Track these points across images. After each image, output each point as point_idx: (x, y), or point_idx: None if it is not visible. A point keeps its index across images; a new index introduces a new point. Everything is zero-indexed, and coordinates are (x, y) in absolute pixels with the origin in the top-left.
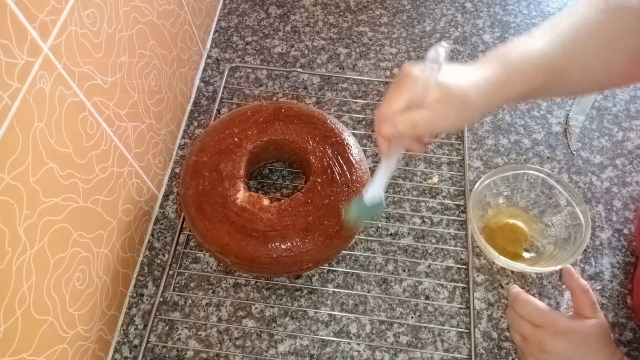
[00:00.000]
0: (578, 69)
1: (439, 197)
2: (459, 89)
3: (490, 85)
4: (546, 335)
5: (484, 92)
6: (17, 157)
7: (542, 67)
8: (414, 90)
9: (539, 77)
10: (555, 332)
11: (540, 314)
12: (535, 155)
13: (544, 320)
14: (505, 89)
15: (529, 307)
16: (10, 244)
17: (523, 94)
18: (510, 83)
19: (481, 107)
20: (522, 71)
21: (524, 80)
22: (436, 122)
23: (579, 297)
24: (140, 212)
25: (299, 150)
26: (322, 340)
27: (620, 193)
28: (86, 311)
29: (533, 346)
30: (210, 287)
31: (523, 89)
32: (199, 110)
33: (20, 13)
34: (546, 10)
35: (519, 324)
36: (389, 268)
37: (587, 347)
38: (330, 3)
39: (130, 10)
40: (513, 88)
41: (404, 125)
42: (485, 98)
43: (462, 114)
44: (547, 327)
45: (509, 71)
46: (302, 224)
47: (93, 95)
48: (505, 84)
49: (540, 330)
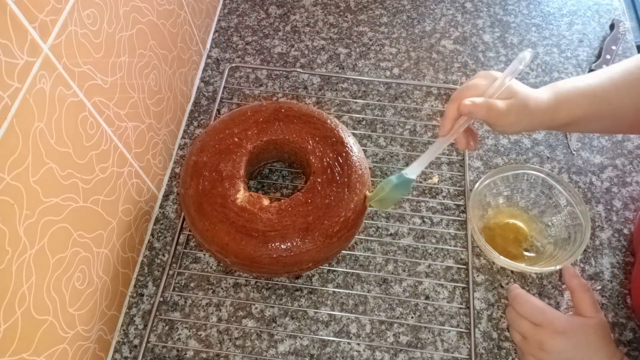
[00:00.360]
0: (625, 102)
1: (439, 197)
2: (524, 94)
3: (543, 105)
4: (546, 335)
5: (540, 111)
6: (17, 157)
7: (588, 96)
8: (494, 82)
9: (585, 104)
10: (554, 331)
11: (539, 313)
12: (535, 155)
13: (543, 319)
14: (554, 111)
15: (529, 306)
16: (10, 244)
17: (570, 119)
18: (559, 107)
19: (534, 121)
20: (569, 98)
21: (570, 106)
22: (503, 116)
23: (580, 296)
24: (140, 212)
25: (299, 150)
26: (322, 340)
27: (620, 193)
28: (86, 311)
29: (533, 345)
30: (210, 287)
31: (569, 114)
32: (199, 110)
33: (20, 13)
34: (546, 10)
35: (519, 323)
36: (389, 268)
37: (586, 346)
38: (330, 3)
39: (130, 10)
40: (561, 112)
41: (481, 105)
42: (537, 114)
43: (521, 117)
44: (546, 326)
45: (558, 97)
46: (302, 224)
47: (93, 95)
48: (554, 107)
49: (540, 329)
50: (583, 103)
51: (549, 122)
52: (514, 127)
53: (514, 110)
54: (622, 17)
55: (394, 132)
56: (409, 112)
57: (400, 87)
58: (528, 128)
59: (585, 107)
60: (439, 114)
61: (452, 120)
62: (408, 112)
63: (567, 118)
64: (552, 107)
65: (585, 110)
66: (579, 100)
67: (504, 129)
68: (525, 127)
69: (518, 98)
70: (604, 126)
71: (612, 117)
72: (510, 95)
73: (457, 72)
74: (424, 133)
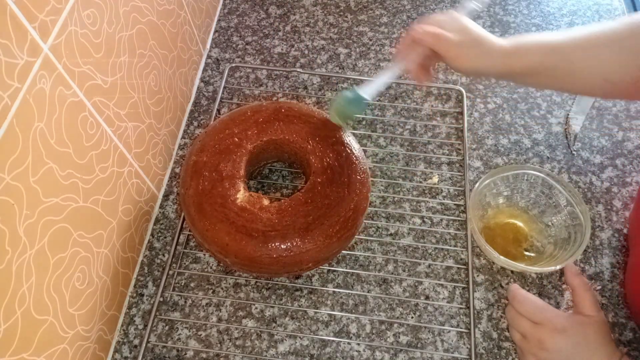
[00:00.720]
0: (584, 64)
1: (439, 197)
2: (478, 34)
3: (498, 48)
4: (545, 333)
5: (494, 52)
6: (17, 157)
7: (546, 49)
8: (451, 16)
9: (541, 56)
10: (554, 330)
11: (539, 312)
12: (535, 155)
13: (543, 317)
14: (509, 57)
15: (529, 304)
16: (10, 244)
17: (525, 69)
18: (514, 54)
19: (487, 63)
20: (526, 47)
21: (526, 55)
22: (453, 48)
23: (581, 295)
24: (140, 212)
25: (299, 150)
26: (322, 340)
27: (620, 193)
28: (86, 311)
29: (532, 344)
30: (210, 287)
31: (525, 63)
32: (199, 110)
33: (20, 13)
34: (546, 10)
35: (519, 322)
36: (389, 268)
37: (586, 344)
38: (330, 3)
39: (130, 10)
40: (515, 59)
41: (430, 33)
42: (493, 58)
43: (472, 53)
44: (546, 324)
45: (515, 45)
46: (302, 224)
47: (93, 95)
48: (510, 53)
49: (540, 327)
50: (539, 54)
51: (503, 67)
52: (465, 62)
53: (465, 44)
54: (622, 17)
55: (394, 132)
56: (409, 112)
57: (400, 87)
58: (481, 68)
59: (541, 59)
60: (439, 114)
61: (406, 46)
62: (408, 112)
63: (522, 66)
64: (507, 52)
65: (540, 62)
66: (535, 50)
67: (457, 65)
68: (478, 66)
69: (472, 36)
70: (561, 84)
71: (570, 76)
72: (466, 33)
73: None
74: (424, 133)
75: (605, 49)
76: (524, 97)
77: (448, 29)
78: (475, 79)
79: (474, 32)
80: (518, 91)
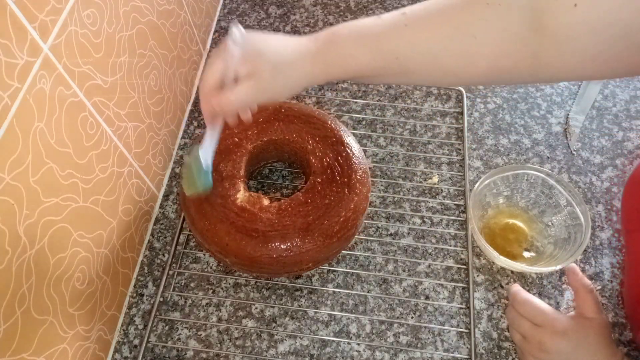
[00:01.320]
0: (420, 58)
1: (439, 197)
2: (267, 61)
3: (311, 61)
4: (546, 335)
5: (302, 66)
6: (17, 157)
7: (373, 50)
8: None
9: (367, 59)
10: (555, 332)
11: (540, 313)
12: (535, 155)
13: (544, 319)
14: (328, 66)
15: (529, 306)
16: (10, 244)
17: (349, 74)
18: (332, 62)
19: (298, 80)
20: (346, 52)
21: (346, 61)
22: (251, 96)
23: (583, 297)
24: (140, 212)
25: (299, 150)
26: (322, 340)
27: (620, 193)
28: (86, 311)
29: (533, 345)
30: (210, 287)
31: (348, 70)
32: (199, 110)
33: (20, 13)
34: None
35: (519, 322)
36: (389, 268)
37: (587, 347)
38: (330, 3)
39: (130, 10)
40: (335, 67)
41: (222, 105)
42: (303, 72)
43: (274, 85)
44: (547, 326)
45: (332, 49)
46: (302, 224)
47: (93, 95)
48: (326, 62)
49: (540, 329)
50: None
51: (322, 76)
52: (276, 94)
53: (261, 83)
54: None
55: (394, 132)
56: (409, 112)
57: (400, 87)
58: (297, 89)
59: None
60: (439, 114)
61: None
62: (408, 112)
63: (346, 73)
64: (324, 61)
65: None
66: (357, 54)
67: (270, 99)
68: (291, 89)
69: (259, 67)
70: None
71: (405, 73)
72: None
73: None
74: (424, 133)
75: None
76: (524, 97)
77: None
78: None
79: (259, 61)
80: (518, 91)
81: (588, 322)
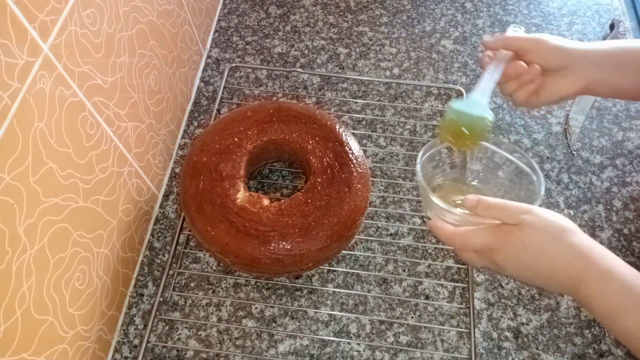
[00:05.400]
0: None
1: None
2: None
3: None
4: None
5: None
6: (17, 157)
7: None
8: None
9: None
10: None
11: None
12: (535, 155)
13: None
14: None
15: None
16: (10, 244)
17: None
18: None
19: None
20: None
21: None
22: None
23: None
24: (140, 212)
25: (299, 150)
26: (322, 340)
27: (620, 193)
28: (86, 311)
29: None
30: (210, 287)
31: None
32: (199, 110)
33: (20, 13)
34: (546, 10)
35: (464, 256)
36: (389, 268)
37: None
38: (330, 3)
39: (130, 10)
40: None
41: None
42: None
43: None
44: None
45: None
46: (302, 224)
47: (93, 95)
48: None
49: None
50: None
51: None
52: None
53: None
54: (622, 17)
55: (394, 132)
56: (409, 112)
57: (400, 87)
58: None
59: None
60: (439, 114)
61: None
62: (408, 112)
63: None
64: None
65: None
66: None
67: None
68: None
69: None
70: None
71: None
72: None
73: (457, 72)
74: (424, 133)
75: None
76: None
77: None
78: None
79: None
80: None
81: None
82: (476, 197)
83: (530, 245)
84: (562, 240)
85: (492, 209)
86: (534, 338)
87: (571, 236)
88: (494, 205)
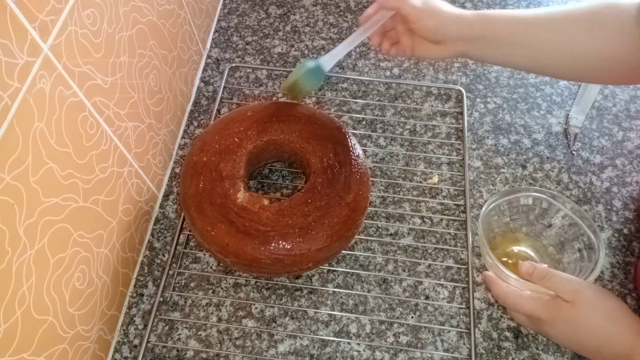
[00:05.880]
0: (549, 32)
1: (439, 197)
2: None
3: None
4: (538, 325)
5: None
6: (17, 157)
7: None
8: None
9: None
10: (539, 323)
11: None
12: (535, 155)
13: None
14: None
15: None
16: (10, 244)
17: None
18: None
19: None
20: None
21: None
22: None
23: (548, 284)
24: (140, 212)
25: (299, 150)
26: (322, 340)
27: (620, 193)
28: (86, 311)
29: (539, 326)
30: (210, 287)
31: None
32: (199, 110)
33: (20, 13)
34: None
35: (513, 315)
36: (389, 268)
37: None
38: (330, 3)
39: (130, 10)
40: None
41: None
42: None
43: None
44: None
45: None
46: (302, 224)
47: (93, 95)
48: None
49: (529, 319)
50: (503, 23)
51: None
52: (427, 22)
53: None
54: None
55: (394, 132)
56: (409, 112)
57: (400, 87)
58: (442, 30)
59: (504, 27)
60: (439, 114)
61: (373, 11)
62: (408, 112)
63: (485, 34)
64: (470, 19)
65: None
66: (500, 19)
67: (419, 25)
68: (439, 27)
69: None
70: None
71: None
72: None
73: (457, 72)
74: (424, 133)
75: (571, 22)
76: (524, 97)
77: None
78: (474, 79)
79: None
80: (518, 91)
81: (565, 305)
82: (532, 266)
83: (583, 325)
84: (614, 321)
85: (547, 280)
86: (534, 338)
87: (622, 317)
88: (549, 277)
